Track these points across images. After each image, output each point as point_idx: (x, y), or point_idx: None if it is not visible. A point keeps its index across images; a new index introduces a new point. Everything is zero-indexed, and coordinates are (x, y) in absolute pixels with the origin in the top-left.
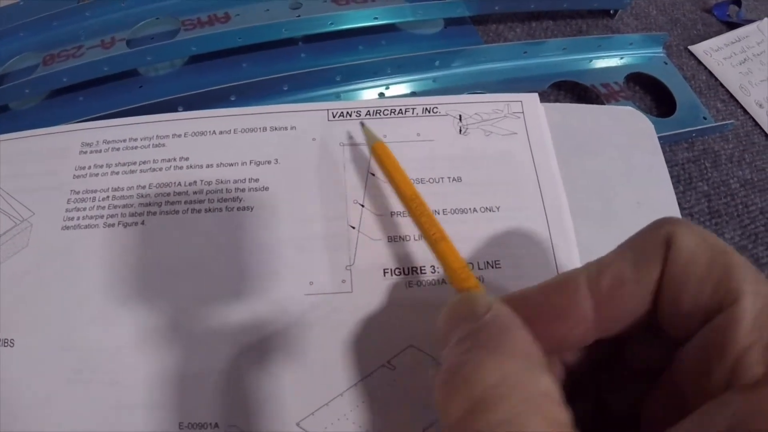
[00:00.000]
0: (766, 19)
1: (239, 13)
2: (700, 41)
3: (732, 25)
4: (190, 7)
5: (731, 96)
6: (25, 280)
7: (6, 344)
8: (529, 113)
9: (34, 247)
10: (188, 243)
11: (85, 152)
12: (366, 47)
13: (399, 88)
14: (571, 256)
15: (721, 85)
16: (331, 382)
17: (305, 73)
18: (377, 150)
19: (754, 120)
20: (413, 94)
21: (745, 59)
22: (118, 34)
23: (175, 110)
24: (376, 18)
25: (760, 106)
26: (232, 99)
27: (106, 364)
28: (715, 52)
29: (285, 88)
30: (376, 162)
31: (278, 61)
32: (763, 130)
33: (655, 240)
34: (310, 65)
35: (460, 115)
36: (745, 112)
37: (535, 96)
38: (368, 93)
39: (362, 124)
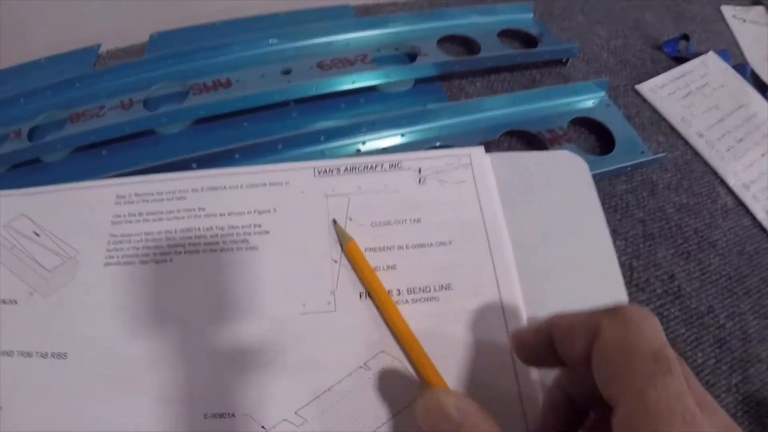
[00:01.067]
0: (710, 52)
1: (239, 79)
2: (648, 78)
3: (682, 60)
4: (196, 72)
5: (673, 129)
6: (74, 305)
7: (60, 357)
8: (477, 164)
9: (80, 279)
10: (207, 276)
11: (120, 203)
12: (347, 105)
13: (373, 143)
14: (511, 279)
15: (664, 119)
16: (321, 379)
17: (295, 135)
18: (351, 249)
19: (693, 149)
20: (384, 149)
21: (688, 93)
22: (135, 95)
23: (190, 167)
24: (354, 82)
25: (700, 135)
26: (237, 157)
27: (143, 372)
28: (660, 88)
29: (279, 147)
30: (349, 258)
31: (273, 120)
32: (702, 158)
33: (593, 323)
34: (300, 123)
35: (420, 168)
36: (686, 142)
37: (481, 149)
38: (348, 148)
39: (334, 222)
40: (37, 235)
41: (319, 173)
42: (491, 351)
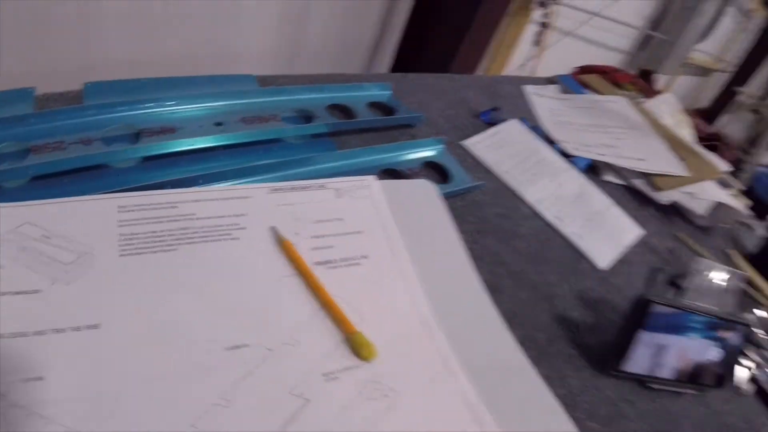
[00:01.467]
0: (513, 119)
1: (181, 126)
2: (469, 137)
3: (494, 124)
4: (142, 119)
5: (489, 169)
6: (98, 287)
7: (93, 327)
8: (373, 187)
9: (99, 268)
10: (207, 257)
11: (123, 211)
12: (264, 150)
13: (294, 174)
14: (400, 249)
15: (482, 163)
16: (303, 314)
17: (244, 167)
18: (286, 246)
19: (503, 181)
20: (301, 178)
21: (498, 146)
22: (92, 134)
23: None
24: (276, 134)
25: (507, 172)
26: (200, 182)
27: (170, 332)
28: (479, 143)
29: (230, 176)
30: (286, 253)
31: (208, 160)
32: (508, 186)
33: None
34: (228, 162)
35: (337, 189)
36: (498, 177)
37: (375, 177)
38: (277, 179)
39: (273, 228)
40: (47, 237)
41: (272, 191)
42: (397, 290)
